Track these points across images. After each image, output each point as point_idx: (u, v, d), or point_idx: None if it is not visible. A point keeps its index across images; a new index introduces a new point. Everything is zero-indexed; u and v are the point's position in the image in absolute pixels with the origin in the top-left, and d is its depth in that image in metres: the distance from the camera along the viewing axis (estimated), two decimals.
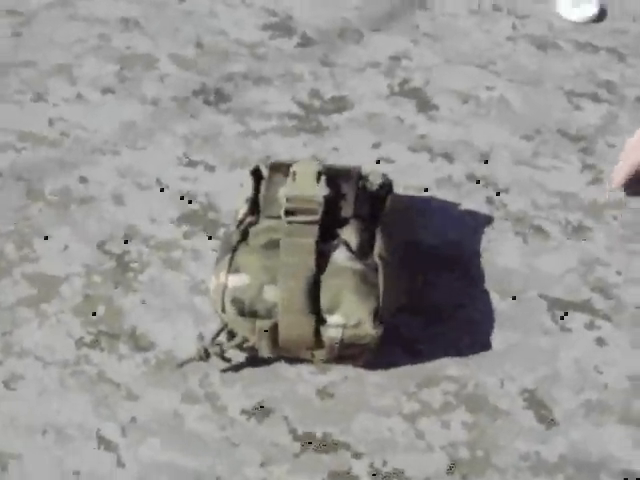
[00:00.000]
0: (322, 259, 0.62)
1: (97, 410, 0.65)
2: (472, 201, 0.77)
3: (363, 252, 0.64)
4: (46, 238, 0.74)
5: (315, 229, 0.63)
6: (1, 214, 0.76)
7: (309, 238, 0.63)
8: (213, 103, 0.84)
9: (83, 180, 0.79)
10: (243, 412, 0.65)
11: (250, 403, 0.66)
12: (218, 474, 0.62)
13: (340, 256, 0.63)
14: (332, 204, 0.65)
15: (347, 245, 0.64)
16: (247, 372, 0.67)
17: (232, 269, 0.63)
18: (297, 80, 0.86)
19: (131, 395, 0.66)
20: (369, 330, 0.61)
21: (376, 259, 0.64)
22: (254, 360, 0.67)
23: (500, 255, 0.74)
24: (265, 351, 0.64)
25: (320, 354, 0.63)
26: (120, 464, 0.63)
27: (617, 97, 0.86)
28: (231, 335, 0.64)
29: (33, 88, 0.85)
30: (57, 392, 0.66)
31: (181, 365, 0.66)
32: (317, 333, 0.61)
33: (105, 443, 0.64)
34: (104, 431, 0.64)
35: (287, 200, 0.64)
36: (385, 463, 0.63)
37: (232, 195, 0.77)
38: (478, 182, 0.79)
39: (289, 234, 0.63)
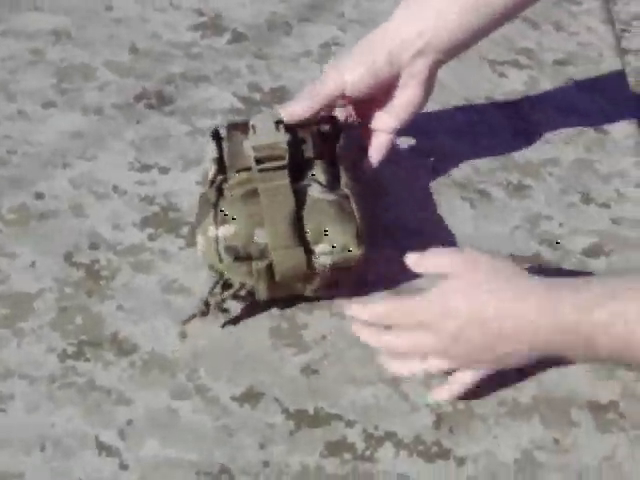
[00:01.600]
0: (299, 196, 0.69)
1: (92, 418, 0.67)
2: (419, 173, 0.82)
3: (332, 187, 0.71)
4: (11, 257, 0.75)
5: (286, 172, 0.69)
6: None
7: (283, 180, 0.69)
8: (156, 106, 0.86)
9: (39, 195, 0.79)
10: (234, 399, 0.68)
11: (239, 390, 0.68)
12: (220, 462, 0.65)
13: (314, 191, 0.69)
14: (295, 148, 0.70)
15: (318, 182, 0.70)
16: (231, 362, 0.69)
17: (219, 222, 0.68)
18: (235, 76, 0.89)
19: (123, 399, 0.67)
20: (355, 250, 0.68)
21: (345, 190, 0.71)
22: (237, 348, 0.70)
23: (451, 221, 0.79)
24: (263, 293, 0.70)
25: (312, 285, 0.70)
26: (123, 467, 0.64)
27: (536, 62, 0.92)
28: (226, 286, 0.69)
29: None
30: (48, 406, 0.67)
31: (185, 322, 0.70)
32: (309, 264, 0.68)
33: (106, 449, 0.65)
34: (103, 437, 0.66)
35: (254, 150, 0.69)
36: (377, 427, 0.67)
37: (190, 193, 0.79)
38: (423, 155, 0.83)
39: (263, 180, 0.69)
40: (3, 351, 0.70)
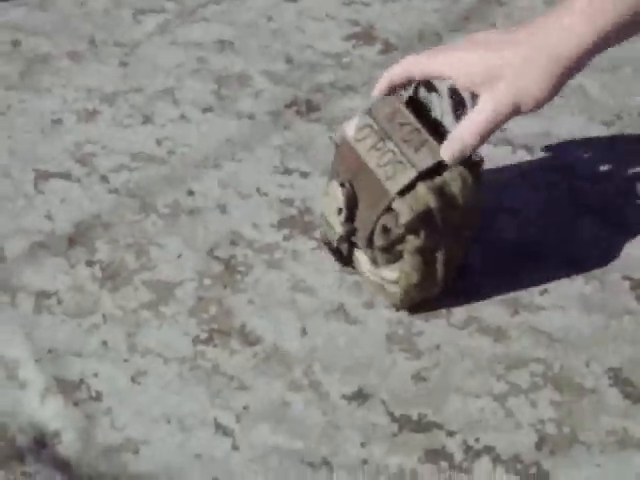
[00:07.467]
0: None
1: (213, 400, 0.73)
2: (553, 190, 0.81)
3: None
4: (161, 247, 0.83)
5: None
6: (120, 228, 0.85)
7: None
8: (304, 114, 0.91)
9: (190, 193, 0.87)
10: (343, 397, 0.71)
11: (350, 389, 0.72)
12: (323, 454, 0.69)
13: None
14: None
15: None
16: (345, 361, 0.73)
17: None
18: None
19: (243, 386, 0.73)
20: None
21: None
22: (353, 347, 0.73)
23: (579, 241, 0.77)
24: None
25: None
26: (235, 447, 0.70)
27: None
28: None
29: (141, 112, 0.94)
30: (177, 385, 0.74)
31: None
32: None
33: (222, 429, 0.71)
34: (220, 419, 0.72)
35: None
36: (477, 440, 0.68)
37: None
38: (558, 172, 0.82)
39: None
40: (144, 331, 0.78)
